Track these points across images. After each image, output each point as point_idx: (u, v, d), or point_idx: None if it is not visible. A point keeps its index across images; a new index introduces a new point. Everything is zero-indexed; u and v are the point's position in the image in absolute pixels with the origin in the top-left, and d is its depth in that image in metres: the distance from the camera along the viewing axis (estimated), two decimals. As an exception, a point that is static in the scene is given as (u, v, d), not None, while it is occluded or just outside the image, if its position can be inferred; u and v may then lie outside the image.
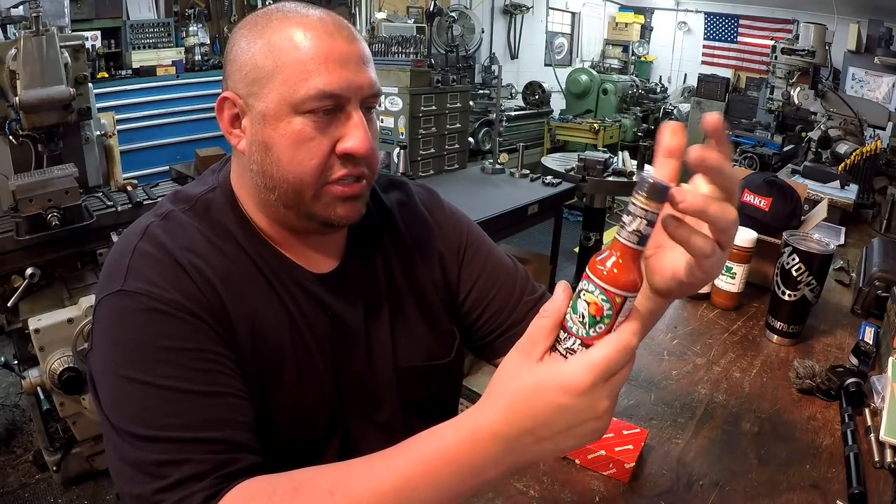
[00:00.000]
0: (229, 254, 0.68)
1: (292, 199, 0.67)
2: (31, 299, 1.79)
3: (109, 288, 0.62)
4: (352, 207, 0.69)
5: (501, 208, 2.68)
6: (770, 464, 0.78)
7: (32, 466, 2.07)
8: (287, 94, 0.63)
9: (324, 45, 0.63)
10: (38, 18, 1.73)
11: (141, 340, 0.59)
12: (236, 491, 0.53)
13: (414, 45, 3.96)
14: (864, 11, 6.58)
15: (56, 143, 1.91)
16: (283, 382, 0.69)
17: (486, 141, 5.94)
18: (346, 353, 0.75)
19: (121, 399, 0.58)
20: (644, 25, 9.29)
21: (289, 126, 0.64)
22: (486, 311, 0.87)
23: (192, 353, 0.60)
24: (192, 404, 0.57)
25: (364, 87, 0.66)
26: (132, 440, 0.56)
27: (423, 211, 0.87)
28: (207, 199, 0.72)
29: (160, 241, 0.65)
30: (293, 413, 0.70)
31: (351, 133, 0.65)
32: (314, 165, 0.65)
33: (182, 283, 0.63)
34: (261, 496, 0.53)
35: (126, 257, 0.64)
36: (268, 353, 0.68)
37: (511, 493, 0.71)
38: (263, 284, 0.70)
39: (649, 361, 1.02)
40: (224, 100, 0.68)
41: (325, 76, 0.62)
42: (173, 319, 0.60)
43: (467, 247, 0.88)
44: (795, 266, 1.05)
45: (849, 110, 2.91)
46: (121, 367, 0.59)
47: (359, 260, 0.79)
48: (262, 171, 0.67)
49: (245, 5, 4.75)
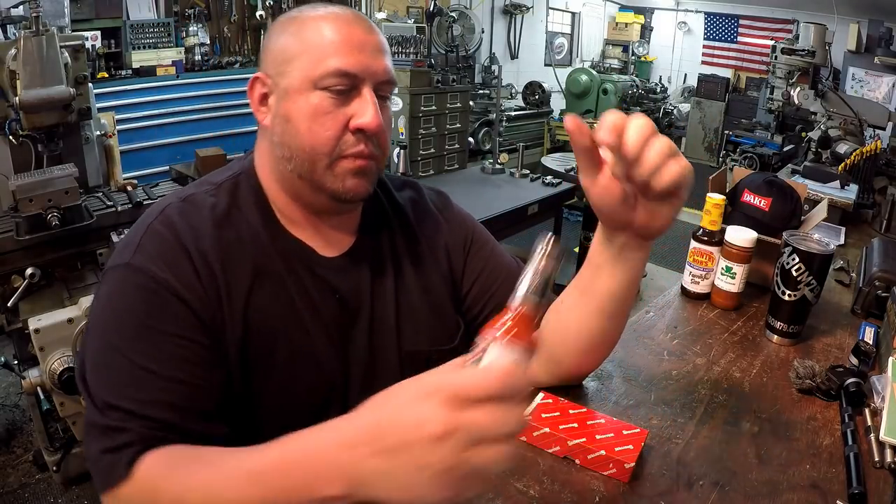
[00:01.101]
0: (241, 237, 0.74)
1: (307, 168, 0.73)
2: (31, 299, 1.79)
3: (120, 259, 0.69)
4: (359, 183, 0.74)
5: (501, 208, 2.68)
6: (770, 464, 0.78)
7: (32, 466, 2.07)
8: (309, 70, 0.70)
9: (344, 31, 0.71)
10: (38, 18, 1.73)
11: (131, 313, 0.66)
12: (153, 453, 0.61)
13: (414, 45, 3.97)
14: (864, 11, 6.58)
15: (56, 143, 1.91)
16: (274, 363, 0.73)
17: (486, 141, 5.94)
18: (351, 334, 0.79)
19: (101, 364, 0.65)
20: (644, 25, 9.29)
21: (308, 100, 0.71)
22: (487, 306, 0.91)
23: (170, 337, 0.65)
24: (152, 385, 0.63)
25: (378, 72, 0.72)
26: (98, 404, 0.64)
27: (432, 208, 0.92)
28: (233, 183, 0.78)
29: (172, 223, 0.70)
30: (285, 394, 0.74)
31: (363, 110, 0.71)
32: (329, 137, 0.71)
33: (180, 266, 0.68)
34: (166, 458, 0.60)
35: (139, 234, 0.70)
36: (261, 335, 0.72)
37: (511, 492, 0.71)
38: (270, 268, 0.74)
39: (649, 361, 1.02)
40: (255, 80, 0.76)
41: (344, 57, 0.70)
42: (162, 301, 0.66)
43: (472, 243, 0.93)
44: (795, 266, 1.05)
45: (849, 110, 2.91)
46: (109, 332, 0.66)
47: (369, 246, 0.83)
48: (281, 142, 0.73)
49: (245, 5, 4.75)
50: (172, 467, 0.59)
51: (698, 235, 1.24)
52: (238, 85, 4.38)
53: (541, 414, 0.80)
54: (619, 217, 0.67)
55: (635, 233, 0.69)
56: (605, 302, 0.77)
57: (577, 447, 0.75)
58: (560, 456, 0.77)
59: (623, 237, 0.71)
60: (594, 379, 0.95)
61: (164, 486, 0.58)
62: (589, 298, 0.79)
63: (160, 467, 0.59)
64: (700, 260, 1.24)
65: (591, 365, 0.89)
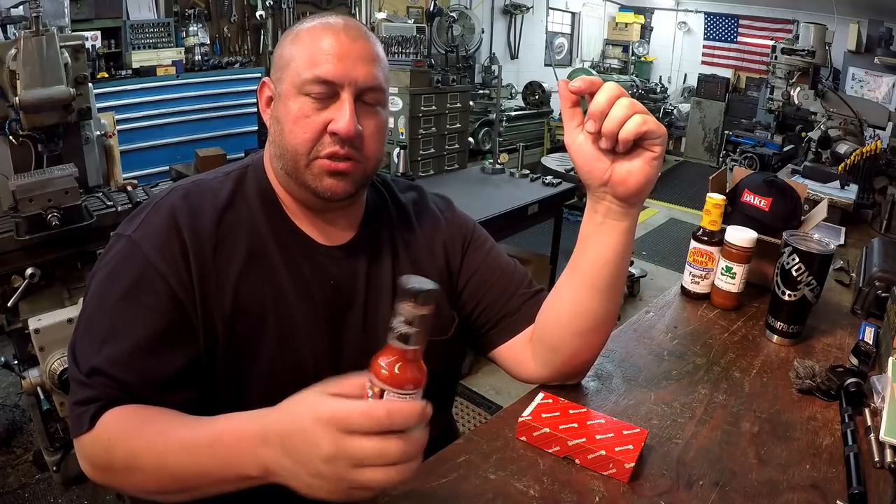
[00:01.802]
0: (240, 221, 0.80)
1: (291, 166, 0.79)
2: (31, 299, 1.79)
3: (125, 229, 0.78)
4: (337, 183, 0.78)
5: (501, 208, 2.68)
6: (770, 464, 0.78)
7: (32, 466, 2.06)
8: (295, 77, 0.76)
9: (328, 41, 0.76)
10: (38, 18, 1.72)
11: (120, 279, 0.74)
12: (114, 411, 0.69)
13: (414, 45, 3.97)
14: (864, 11, 6.58)
15: (56, 143, 1.90)
16: (262, 341, 0.78)
17: (486, 141, 5.94)
18: (345, 320, 0.84)
19: (85, 319, 0.74)
20: (644, 25, 9.29)
21: (294, 104, 0.77)
22: (482, 302, 0.94)
23: (147, 308, 0.72)
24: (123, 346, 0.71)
25: (359, 79, 0.76)
26: (77, 358, 0.72)
27: (434, 208, 0.98)
28: (241, 174, 0.85)
29: (174, 205, 0.77)
30: (273, 371, 0.79)
31: (338, 116, 0.76)
32: (307, 139, 0.76)
33: (171, 247, 0.74)
34: (123, 418, 0.69)
35: (146, 210, 0.79)
36: (250, 314, 0.78)
37: (511, 492, 0.71)
38: (265, 252, 0.80)
39: (649, 361, 1.02)
40: (263, 84, 0.84)
41: (323, 65, 0.75)
42: (147, 276, 0.73)
43: (471, 242, 0.97)
44: (795, 266, 1.05)
45: (849, 110, 2.91)
46: (99, 292, 0.75)
47: (368, 239, 0.89)
48: (273, 141, 0.81)
49: (245, 5, 4.76)
50: (127, 426, 0.68)
51: (698, 235, 1.24)
52: (238, 85, 4.38)
53: (541, 414, 0.80)
54: (596, 173, 0.73)
55: (616, 195, 0.74)
56: (594, 275, 0.80)
57: (577, 447, 0.75)
58: (560, 456, 0.77)
59: (605, 203, 0.76)
60: (594, 379, 0.95)
61: (118, 443, 0.67)
62: (579, 273, 0.81)
63: (117, 424, 0.68)
64: (700, 260, 1.24)
65: (585, 353, 0.87)
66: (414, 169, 3.57)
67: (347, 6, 5.50)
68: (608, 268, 0.79)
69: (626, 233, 0.77)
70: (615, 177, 0.72)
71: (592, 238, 0.78)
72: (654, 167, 0.71)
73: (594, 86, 0.68)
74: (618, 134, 0.68)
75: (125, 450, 0.66)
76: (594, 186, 0.75)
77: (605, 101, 0.67)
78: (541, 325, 0.88)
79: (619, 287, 0.82)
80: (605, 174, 0.72)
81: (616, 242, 0.77)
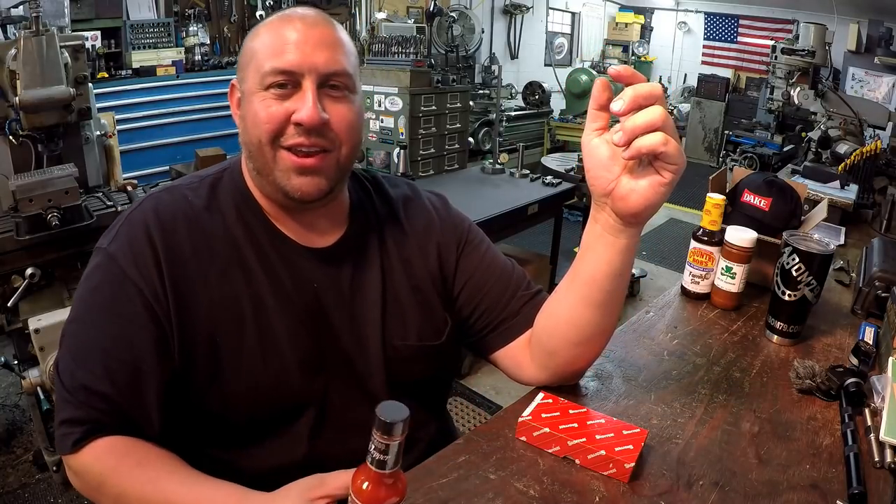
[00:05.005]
0: (214, 230, 0.78)
1: (260, 164, 0.77)
2: (31, 299, 1.79)
3: (102, 243, 0.77)
4: (308, 181, 0.76)
5: (501, 208, 2.67)
6: (770, 464, 0.78)
7: (32, 466, 2.06)
8: (256, 73, 0.74)
9: (283, 31, 0.74)
10: (38, 18, 1.72)
11: (100, 293, 0.74)
12: (103, 440, 0.71)
13: (414, 45, 3.96)
14: (864, 11, 6.59)
15: (56, 143, 1.91)
16: (242, 347, 0.77)
17: (486, 141, 5.94)
18: (329, 325, 0.82)
19: (70, 334, 0.75)
20: (644, 25, 9.29)
21: (256, 99, 0.74)
22: (479, 305, 0.91)
23: (126, 321, 0.72)
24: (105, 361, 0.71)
25: (319, 64, 0.74)
26: (62, 372, 0.73)
27: (428, 207, 0.94)
28: (216, 178, 0.83)
29: (145, 217, 0.76)
30: (253, 377, 0.77)
31: (300, 105, 0.73)
32: (269, 130, 0.74)
33: (144, 259, 0.74)
34: (117, 453, 0.70)
35: (120, 222, 0.78)
36: (228, 322, 0.76)
37: (511, 492, 0.71)
38: (241, 259, 0.78)
39: (649, 361, 1.02)
40: (232, 87, 0.81)
41: (279, 56, 0.73)
42: (123, 289, 0.73)
43: (466, 243, 0.93)
44: (795, 266, 1.05)
45: (849, 110, 2.90)
46: (82, 307, 0.75)
47: (353, 240, 0.86)
48: (242, 141, 0.79)
49: (245, 5, 4.75)
50: (120, 466, 0.70)
51: (698, 235, 1.24)
52: (238, 85, 4.38)
53: (541, 414, 0.80)
54: (601, 181, 0.70)
55: (615, 210, 0.71)
56: (589, 290, 0.78)
57: (577, 447, 0.75)
58: (560, 456, 0.77)
59: (605, 214, 0.73)
60: (594, 379, 0.95)
61: (110, 480, 0.69)
62: (577, 285, 0.80)
63: (110, 459, 0.70)
64: (700, 260, 1.24)
65: (583, 360, 0.87)
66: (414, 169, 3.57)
67: (347, 6, 5.50)
68: (604, 283, 0.77)
69: (622, 251, 0.74)
70: (618, 191, 0.69)
71: (591, 249, 0.77)
72: (660, 194, 0.68)
73: (635, 78, 0.64)
74: (632, 139, 0.63)
75: (117, 490, 0.69)
76: (597, 194, 0.73)
77: (644, 123, 0.62)
78: (539, 329, 0.87)
79: (616, 303, 0.80)
80: (609, 185, 0.70)
81: (612, 259, 0.75)
